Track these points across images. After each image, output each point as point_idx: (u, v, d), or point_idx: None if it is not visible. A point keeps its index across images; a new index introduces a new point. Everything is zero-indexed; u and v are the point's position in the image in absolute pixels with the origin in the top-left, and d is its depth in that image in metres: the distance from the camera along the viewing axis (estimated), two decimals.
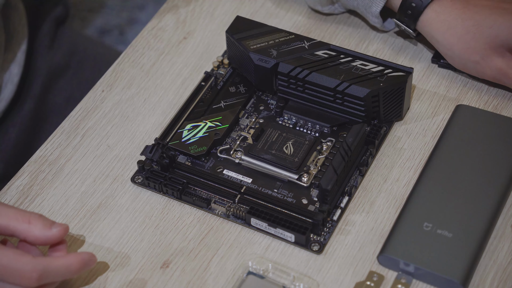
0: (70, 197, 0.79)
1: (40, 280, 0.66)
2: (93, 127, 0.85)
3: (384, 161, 0.80)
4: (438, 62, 0.87)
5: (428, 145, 0.81)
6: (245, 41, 0.83)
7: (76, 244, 0.75)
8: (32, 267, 0.65)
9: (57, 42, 1.07)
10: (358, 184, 0.78)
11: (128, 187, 0.80)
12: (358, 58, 0.81)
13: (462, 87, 0.85)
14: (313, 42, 0.83)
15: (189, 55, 0.91)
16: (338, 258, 0.74)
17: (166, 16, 0.95)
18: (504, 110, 0.83)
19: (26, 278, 0.65)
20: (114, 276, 0.73)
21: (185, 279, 0.73)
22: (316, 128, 0.81)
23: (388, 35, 0.91)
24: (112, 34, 1.84)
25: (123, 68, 0.90)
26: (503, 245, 0.73)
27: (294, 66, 0.81)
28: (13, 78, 0.99)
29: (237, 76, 0.86)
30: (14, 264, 0.65)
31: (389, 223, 0.75)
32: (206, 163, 0.80)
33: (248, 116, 0.83)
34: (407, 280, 0.71)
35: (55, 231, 0.68)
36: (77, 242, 0.76)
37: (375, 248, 0.74)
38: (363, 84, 0.79)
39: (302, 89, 0.81)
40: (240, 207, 0.76)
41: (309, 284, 0.72)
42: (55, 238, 0.68)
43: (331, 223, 0.75)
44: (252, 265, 0.73)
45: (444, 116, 0.83)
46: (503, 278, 0.71)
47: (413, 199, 0.75)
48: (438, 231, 0.72)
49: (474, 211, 0.73)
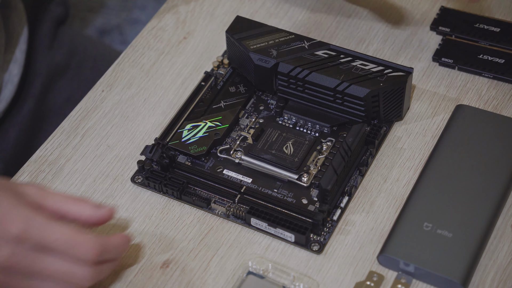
0: None
1: (100, 255, 0.67)
2: (93, 127, 0.85)
3: (384, 161, 0.80)
4: (439, 61, 0.87)
5: (428, 145, 0.81)
6: (245, 41, 0.83)
7: None
8: (93, 242, 0.67)
9: (57, 42, 1.07)
10: (358, 184, 0.78)
11: (128, 187, 0.80)
12: (358, 58, 0.81)
13: (462, 87, 0.85)
14: (313, 42, 0.83)
15: (189, 55, 0.91)
16: (338, 258, 0.74)
17: (166, 16, 0.95)
18: (504, 110, 0.83)
19: (87, 253, 0.66)
20: (114, 276, 0.73)
21: (185, 279, 0.73)
22: (316, 128, 0.81)
23: (388, 35, 0.91)
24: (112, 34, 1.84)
25: (123, 68, 0.90)
26: (503, 245, 0.73)
27: (294, 66, 0.81)
28: (13, 78, 0.99)
29: (237, 76, 0.86)
30: (77, 237, 0.66)
31: (389, 223, 0.75)
32: (206, 163, 0.80)
33: (248, 116, 0.83)
34: (407, 280, 0.71)
35: (104, 211, 0.69)
36: None
37: (375, 248, 0.74)
38: (363, 84, 0.79)
39: (302, 89, 0.81)
40: (240, 207, 0.76)
41: (309, 284, 0.72)
42: (106, 217, 0.69)
43: (331, 223, 0.75)
44: (252, 265, 0.73)
45: (444, 116, 0.83)
46: (503, 278, 0.71)
47: (413, 199, 0.75)
48: (438, 231, 0.72)
49: (474, 211, 0.73)
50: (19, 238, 0.65)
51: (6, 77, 0.98)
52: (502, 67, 0.86)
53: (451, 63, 0.87)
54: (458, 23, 0.90)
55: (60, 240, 0.66)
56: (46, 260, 0.66)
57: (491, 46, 0.88)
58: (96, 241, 0.67)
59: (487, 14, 0.92)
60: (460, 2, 0.92)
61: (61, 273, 0.66)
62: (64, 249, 0.66)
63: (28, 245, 0.65)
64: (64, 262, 0.66)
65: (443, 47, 0.88)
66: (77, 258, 0.66)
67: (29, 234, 0.65)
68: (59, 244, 0.66)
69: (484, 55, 0.87)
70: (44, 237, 0.65)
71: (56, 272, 0.66)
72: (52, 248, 0.66)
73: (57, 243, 0.66)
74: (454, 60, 0.87)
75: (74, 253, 0.66)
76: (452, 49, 0.88)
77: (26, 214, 0.65)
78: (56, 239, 0.66)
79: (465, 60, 0.87)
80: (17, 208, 0.66)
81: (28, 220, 0.65)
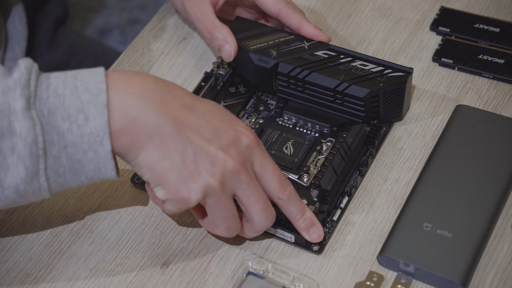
0: (70, 197, 0.79)
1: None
2: None
3: (384, 161, 0.80)
4: (439, 61, 0.87)
5: (428, 145, 0.81)
6: (245, 41, 0.83)
7: (75, 245, 0.75)
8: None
9: (57, 42, 1.07)
10: (358, 184, 0.78)
11: (128, 187, 0.80)
12: (358, 58, 0.81)
13: (462, 87, 0.85)
14: (313, 42, 0.83)
15: (189, 55, 0.91)
16: (338, 258, 0.74)
17: (166, 16, 0.95)
18: (504, 110, 0.83)
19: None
20: (114, 276, 0.73)
21: (185, 279, 0.73)
22: (316, 128, 0.81)
23: (388, 35, 0.91)
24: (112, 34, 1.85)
25: (123, 68, 0.90)
26: (503, 245, 0.73)
27: (294, 66, 0.81)
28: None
29: (237, 76, 0.86)
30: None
31: (389, 223, 0.75)
32: None
33: (248, 116, 0.83)
34: (407, 280, 0.71)
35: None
36: (76, 242, 0.76)
37: (375, 248, 0.74)
38: (363, 84, 0.79)
39: (302, 89, 0.81)
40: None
41: (309, 284, 0.72)
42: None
43: (331, 223, 0.75)
44: (252, 265, 0.73)
45: (444, 116, 0.83)
46: (503, 278, 0.71)
47: (413, 199, 0.75)
48: (438, 231, 0.72)
49: (474, 211, 0.73)
50: (250, 147, 0.69)
51: None
52: (502, 67, 0.86)
53: (451, 63, 0.87)
54: (458, 23, 0.90)
55: (275, 171, 0.70)
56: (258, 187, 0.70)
57: (491, 46, 0.88)
58: (292, 189, 0.72)
59: (487, 14, 0.92)
60: (460, 2, 0.92)
61: (259, 205, 0.70)
62: (273, 181, 0.70)
63: (252, 160, 0.69)
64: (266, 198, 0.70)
65: (443, 47, 0.88)
66: (273, 195, 0.71)
67: (258, 150, 0.69)
68: (272, 178, 0.70)
69: (484, 55, 0.87)
70: (265, 162, 0.70)
71: (256, 202, 0.69)
72: (265, 176, 0.70)
73: (271, 175, 0.70)
74: (454, 60, 0.87)
75: (277, 188, 0.70)
76: (452, 49, 0.88)
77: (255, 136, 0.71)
78: (273, 168, 0.70)
79: (465, 60, 0.87)
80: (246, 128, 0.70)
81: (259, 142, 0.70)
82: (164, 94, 0.67)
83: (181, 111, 0.67)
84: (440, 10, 0.92)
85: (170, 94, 0.68)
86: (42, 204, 0.78)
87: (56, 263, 0.74)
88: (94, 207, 0.78)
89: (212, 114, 0.69)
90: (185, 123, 0.67)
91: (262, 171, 0.69)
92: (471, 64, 0.86)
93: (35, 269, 0.74)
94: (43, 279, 0.73)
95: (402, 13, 0.93)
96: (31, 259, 0.75)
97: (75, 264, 0.74)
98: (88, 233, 0.76)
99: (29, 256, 0.75)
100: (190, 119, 0.67)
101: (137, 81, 0.67)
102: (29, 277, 0.74)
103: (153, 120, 0.66)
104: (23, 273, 0.74)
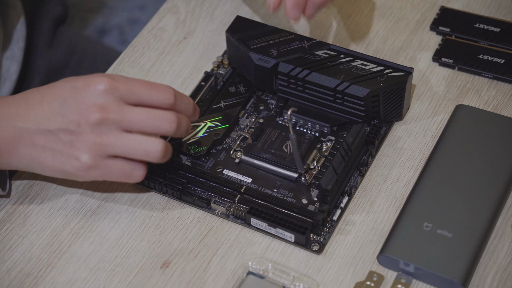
0: (70, 197, 0.79)
1: (175, 98, 0.73)
2: None
3: (384, 161, 0.80)
4: (439, 61, 0.87)
5: (428, 145, 0.81)
6: (245, 41, 0.83)
7: (75, 245, 0.75)
8: (167, 86, 0.73)
9: (56, 41, 1.07)
10: (358, 184, 0.78)
11: (128, 187, 0.80)
12: (358, 58, 0.81)
13: (462, 87, 0.85)
14: (313, 42, 0.83)
15: (189, 55, 0.91)
16: (338, 258, 0.74)
17: (166, 16, 0.95)
18: (504, 110, 0.83)
19: (166, 92, 0.72)
20: (114, 276, 0.73)
21: (185, 279, 0.73)
22: (316, 128, 0.81)
23: (388, 35, 0.91)
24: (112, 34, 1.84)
25: (123, 68, 0.90)
26: (503, 245, 0.73)
27: (294, 66, 0.81)
28: (11, 76, 0.99)
29: (237, 76, 0.86)
30: (154, 84, 0.73)
31: (389, 223, 0.75)
32: (206, 163, 0.80)
33: (248, 116, 0.83)
34: (407, 280, 0.71)
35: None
36: (76, 242, 0.76)
37: (375, 248, 0.74)
38: (363, 84, 0.79)
39: (302, 89, 0.81)
40: (240, 207, 0.76)
41: (309, 284, 0.72)
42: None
43: (331, 223, 0.75)
44: (252, 265, 0.73)
45: (444, 116, 0.83)
46: (503, 278, 0.71)
47: (413, 199, 0.75)
48: (438, 231, 0.72)
49: (474, 211, 0.73)
50: (107, 90, 0.70)
51: (4, 73, 0.98)
52: (502, 67, 0.86)
53: (451, 63, 0.87)
54: (458, 23, 0.90)
55: (142, 86, 0.72)
56: (133, 110, 0.71)
57: (491, 46, 0.88)
58: (169, 87, 0.73)
59: (487, 14, 0.92)
60: (460, 2, 0.92)
61: (148, 120, 0.71)
62: (147, 94, 0.71)
63: (116, 96, 0.70)
64: (149, 109, 0.71)
65: (443, 47, 0.88)
66: (160, 101, 0.72)
67: (115, 86, 0.71)
68: (142, 92, 0.71)
69: (484, 55, 0.87)
70: (129, 87, 0.71)
71: (143, 121, 0.71)
72: (138, 96, 0.71)
73: (141, 92, 0.71)
74: (454, 60, 0.87)
75: (156, 95, 0.72)
76: (452, 49, 0.88)
77: (108, 75, 0.71)
78: (139, 86, 0.72)
79: (465, 60, 0.87)
80: (98, 74, 0.72)
81: (112, 76, 0.71)
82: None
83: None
84: (440, 10, 0.92)
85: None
86: (42, 204, 0.78)
87: (56, 263, 0.74)
88: (94, 207, 0.78)
89: (50, 97, 0.72)
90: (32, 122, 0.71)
91: (134, 95, 0.71)
92: (471, 64, 0.86)
93: (35, 269, 0.74)
94: (43, 279, 0.73)
95: (402, 13, 0.93)
96: (31, 259, 0.75)
97: (75, 264, 0.74)
98: (88, 233, 0.76)
99: (29, 256, 0.75)
100: (35, 117, 0.71)
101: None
102: (29, 277, 0.74)
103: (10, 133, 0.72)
104: (23, 273, 0.74)
